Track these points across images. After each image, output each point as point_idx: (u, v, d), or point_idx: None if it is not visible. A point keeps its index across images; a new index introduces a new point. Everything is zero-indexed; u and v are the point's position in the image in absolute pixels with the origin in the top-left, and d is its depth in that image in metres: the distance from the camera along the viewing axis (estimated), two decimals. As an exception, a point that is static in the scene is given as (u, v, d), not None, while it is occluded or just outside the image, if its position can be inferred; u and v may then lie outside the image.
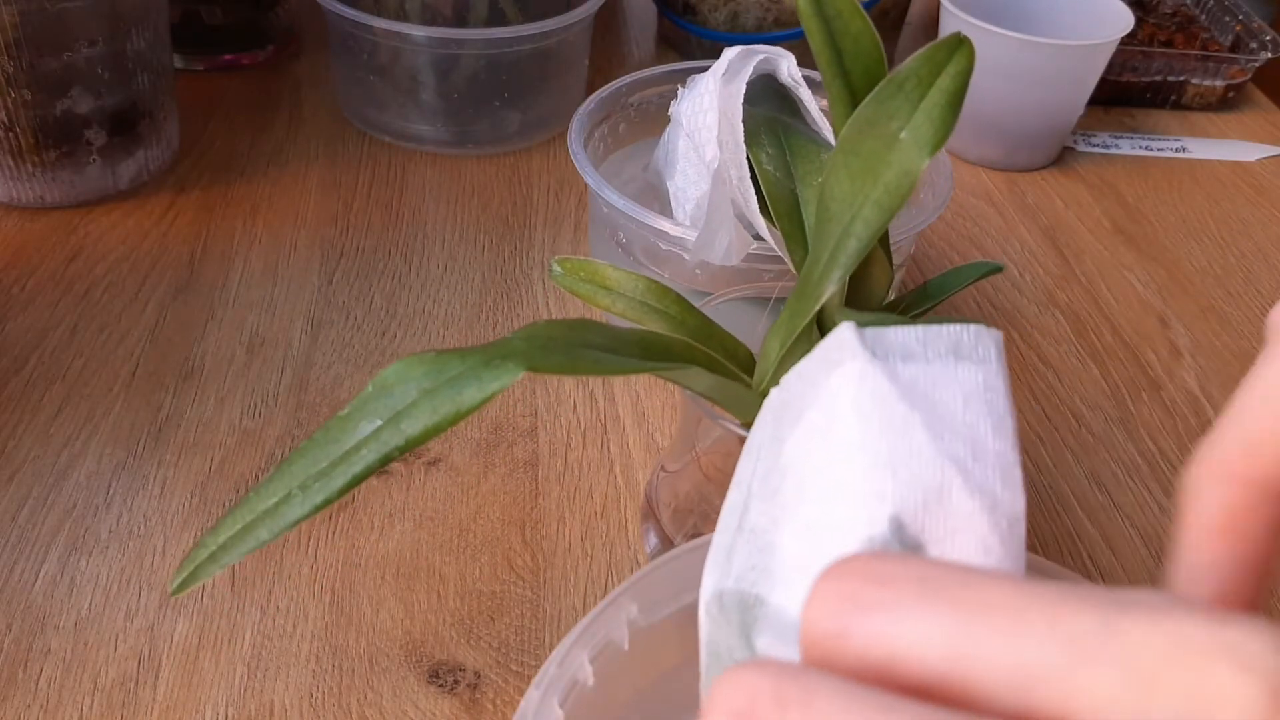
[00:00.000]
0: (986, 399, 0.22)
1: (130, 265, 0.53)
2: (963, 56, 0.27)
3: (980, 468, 0.21)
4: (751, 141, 0.36)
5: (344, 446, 0.23)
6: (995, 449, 0.22)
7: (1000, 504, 0.21)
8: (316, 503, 0.23)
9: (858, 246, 0.27)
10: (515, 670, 0.37)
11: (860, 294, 0.32)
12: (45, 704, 0.35)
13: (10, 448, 0.43)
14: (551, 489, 0.44)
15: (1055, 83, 0.64)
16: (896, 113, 0.27)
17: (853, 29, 0.30)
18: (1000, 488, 0.21)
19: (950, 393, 0.22)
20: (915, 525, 0.21)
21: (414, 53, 0.61)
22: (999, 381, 0.22)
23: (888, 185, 0.27)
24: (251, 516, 0.23)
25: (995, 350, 0.23)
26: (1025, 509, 0.22)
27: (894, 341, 0.22)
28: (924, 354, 0.22)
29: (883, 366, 0.22)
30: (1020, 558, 0.21)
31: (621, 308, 0.32)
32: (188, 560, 0.23)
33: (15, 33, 0.50)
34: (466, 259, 0.56)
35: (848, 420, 0.22)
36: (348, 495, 0.42)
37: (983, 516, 0.21)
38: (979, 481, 0.21)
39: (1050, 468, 0.47)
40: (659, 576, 0.29)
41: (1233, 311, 0.57)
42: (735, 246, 0.40)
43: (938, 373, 0.22)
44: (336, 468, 0.23)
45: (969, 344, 0.22)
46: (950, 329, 0.22)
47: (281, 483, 0.23)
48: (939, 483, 0.21)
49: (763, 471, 0.23)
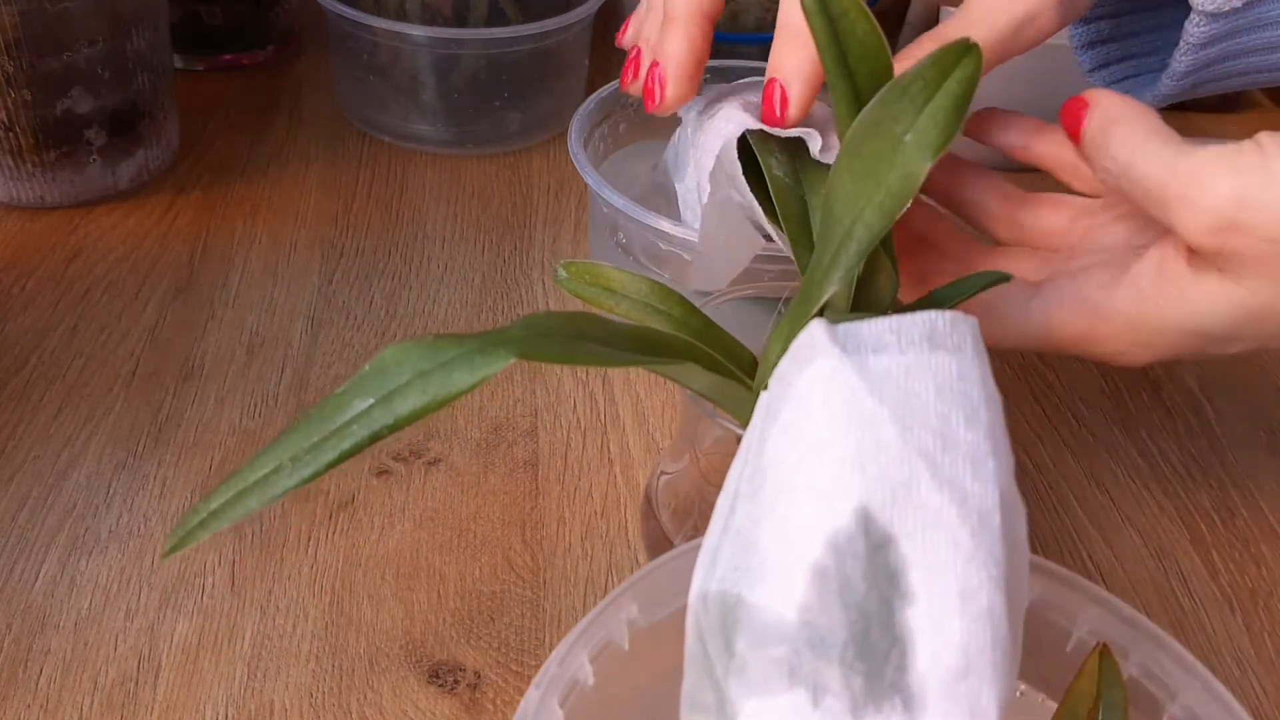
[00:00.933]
0: (960, 389, 0.22)
1: (130, 265, 0.53)
2: (970, 62, 0.27)
3: (950, 460, 0.21)
4: (761, 148, 0.36)
5: (336, 423, 0.24)
6: (967, 440, 0.22)
7: (970, 497, 0.21)
8: (305, 475, 0.23)
9: (858, 249, 0.27)
10: (515, 670, 0.37)
11: (866, 300, 0.32)
12: (45, 704, 0.35)
13: (10, 448, 0.43)
14: (551, 489, 0.44)
15: (1055, 83, 0.64)
16: (901, 115, 0.27)
17: (859, 30, 0.30)
18: (970, 480, 0.21)
19: (923, 383, 0.22)
20: (884, 519, 0.21)
21: (414, 53, 0.61)
22: (974, 370, 0.22)
23: (890, 188, 0.27)
24: (243, 486, 0.24)
25: (971, 338, 0.23)
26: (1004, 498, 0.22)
27: (866, 334, 0.22)
28: (897, 344, 0.22)
29: (852, 361, 0.22)
30: (995, 548, 0.21)
31: (625, 309, 0.32)
32: (179, 526, 0.24)
33: (15, 33, 0.50)
34: (466, 259, 0.56)
35: (818, 417, 0.22)
36: (348, 495, 0.42)
37: (952, 509, 0.21)
38: (948, 475, 0.21)
39: (1050, 467, 0.47)
40: (659, 576, 0.29)
41: (1233, 311, 0.57)
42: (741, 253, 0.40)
43: (911, 362, 0.22)
44: (327, 442, 0.23)
45: (944, 331, 0.22)
46: (925, 316, 0.22)
47: (274, 455, 0.24)
48: (906, 477, 0.21)
49: (748, 473, 0.23)
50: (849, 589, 0.21)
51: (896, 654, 0.21)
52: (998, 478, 0.21)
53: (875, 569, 0.21)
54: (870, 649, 0.21)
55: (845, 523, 0.21)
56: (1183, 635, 0.40)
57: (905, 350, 0.22)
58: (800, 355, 0.23)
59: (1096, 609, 0.29)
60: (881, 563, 0.21)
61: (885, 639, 0.21)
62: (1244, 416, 0.50)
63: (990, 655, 0.21)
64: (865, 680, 0.21)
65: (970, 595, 0.21)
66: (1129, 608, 0.29)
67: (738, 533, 0.23)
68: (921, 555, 0.21)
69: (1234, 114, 0.75)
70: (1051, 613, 0.30)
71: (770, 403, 0.23)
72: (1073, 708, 0.27)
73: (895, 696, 0.21)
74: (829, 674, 0.21)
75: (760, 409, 0.24)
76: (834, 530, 0.21)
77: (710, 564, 0.23)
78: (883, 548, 0.21)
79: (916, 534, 0.21)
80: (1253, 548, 0.44)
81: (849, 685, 0.21)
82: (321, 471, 0.23)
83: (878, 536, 0.21)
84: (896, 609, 0.21)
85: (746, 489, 0.23)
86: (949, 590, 0.21)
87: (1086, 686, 0.27)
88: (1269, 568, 0.43)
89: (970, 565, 0.21)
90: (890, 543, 0.21)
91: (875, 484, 0.21)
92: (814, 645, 0.21)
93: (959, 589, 0.21)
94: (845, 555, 0.21)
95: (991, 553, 0.21)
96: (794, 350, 0.23)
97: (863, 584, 0.21)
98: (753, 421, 0.24)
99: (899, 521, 0.21)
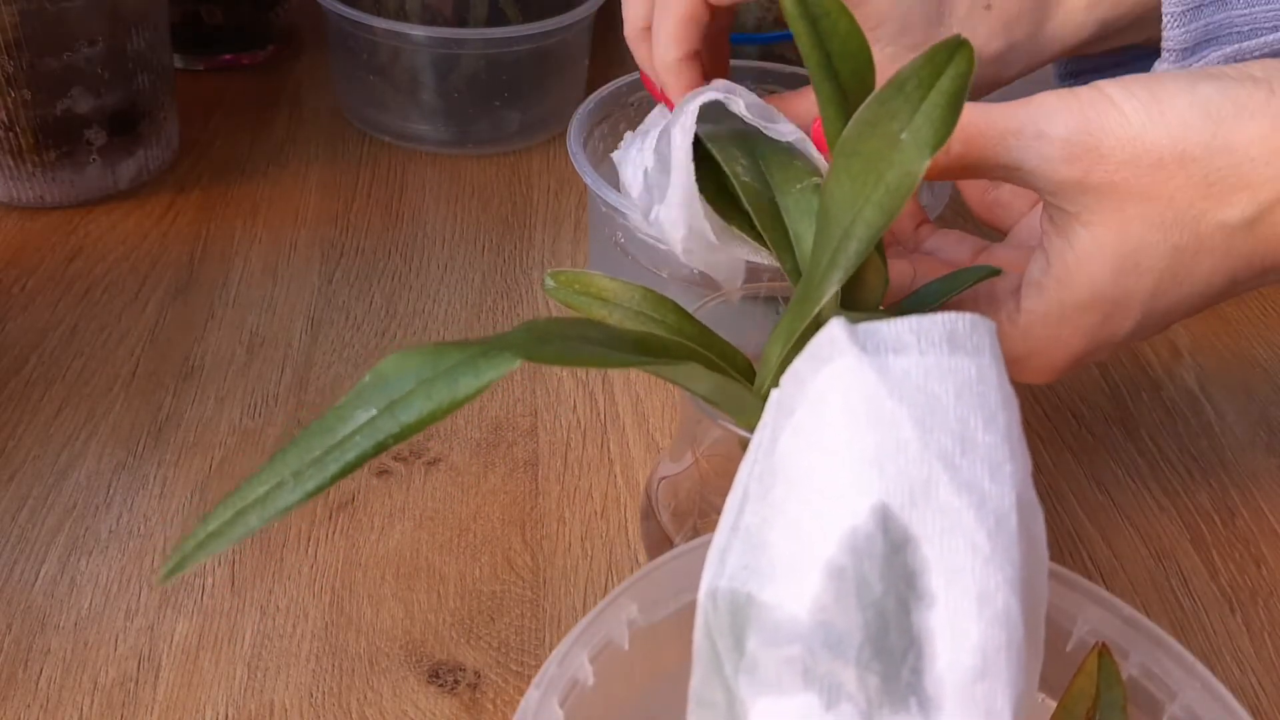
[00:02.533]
0: (979, 391, 0.22)
1: (130, 265, 0.53)
2: (963, 59, 0.27)
3: (969, 462, 0.21)
4: (724, 155, 0.35)
5: (339, 435, 0.23)
6: (985, 442, 0.22)
7: (988, 499, 0.21)
8: (308, 489, 0.22)
9: (858, 248, 0.27)
10: (515, 670, 0.37)
11: (854, 297, 0.32)
12: (45, 704, 0.35)
13: (10, 448, 0.43)
14: (551, 489, 0.44)
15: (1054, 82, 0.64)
16: (897, 114, 0.27)
17: (840, 28, 0.30)
18: (989, 482, 0.21)
19: (943, 385, 0.22)
20: (902, 521, 0.21)
21: (414, 53, 0.61)
22: (992, 373, 0.22)
23: (889, 186, 0.27)
24: (243, 504, 0.23)
25: (990, 341, 0.23)
26: (1021, 500, 0.22)
27: (886, 335, 0.22)
28: (918, 345, 0.22)
29: (872, 362, 0.22)
30: (1011, 550, 0.21)
31: (619, 318, 0.32)
32: (178, 548, 0.23)
33: (15, 33, 0.50)
34: (466, 259, 0.56)
35: (836, 417, 0.22)
36: (348, 495, 0.42)
37: (970, 512, 0.21)
38: (966, 477, 0.21)
39: (1050, 468, 0.47)
40: (659, 576, 0.29)
41: (1233, 311, 0.57)
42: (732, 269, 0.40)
43: (931, 365, 0.22)
44: (330, 454, 0.23)
45: (964, 333, 0.22)
46: (945, 318, 0.22)
47: (275, 470, 0.23)
48: (925, 478, 0.21)
49: (759, 472, 0.23)
50: (866, 589, 0.21)
51: (913, 655, 0.21)
52: (1015, 480, 0.21)
53: (893, 570, 0.21)
54: (887, 650, 0.21)
55: (863, 523, 0.21)
56: (1183, 635, 0.40)
57: (925, 352, 0.22)
58: (818, 354, 0.23)
59: (1096, 609, 0.29)
60: (900, 564, 0.21)
61: (902, 640, 0.21)
62: (1244, 416, 0.50)
63: (1006, 657, 0.21)
64: (881, 681, 0.21)
65: (987, 598, 0.21)
66: (1129, 608, 0.29)
67: (748, 531, 0.23)
68: (940, 557, 0.21)
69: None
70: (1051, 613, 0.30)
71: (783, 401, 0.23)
72: (1071, 707, 0.27)
73: (911, 698, 0.21)
74: (844, 674, 0.21)
75: (771, 407, 0.24)
76: (852, 530, 0.21)
77: (719, 562, 0.23)
78: (901, 549, 0.21)
79: (935, 536, 0.21)
80: (1253, 548, 0.44)
81: (865, 686, 0.21)
82: (326, 485, 0.22)
83: (897, 537, 0.21)
84: (914, 610, 0.21)
85: (757, 488, 0.23)
86: (967, 592, 0.21)
87: (1085, 686, 0.27)
88: (1269, 568, 0.43)
89: (988, 568, 0.21)
90: (909, 544, 0.21)
91: (894, 485, 0.21)
92: (829, 645, 0.21)
93: (977, 591, 0.21)
94: (863, 555, 0.21)
95: (1008, 555, 0.21)
96: (811, 349, 0.23)
97: (880, 585, 0.21)
98: (763, 420, 0.24)
99: (917, 523, 0.21)
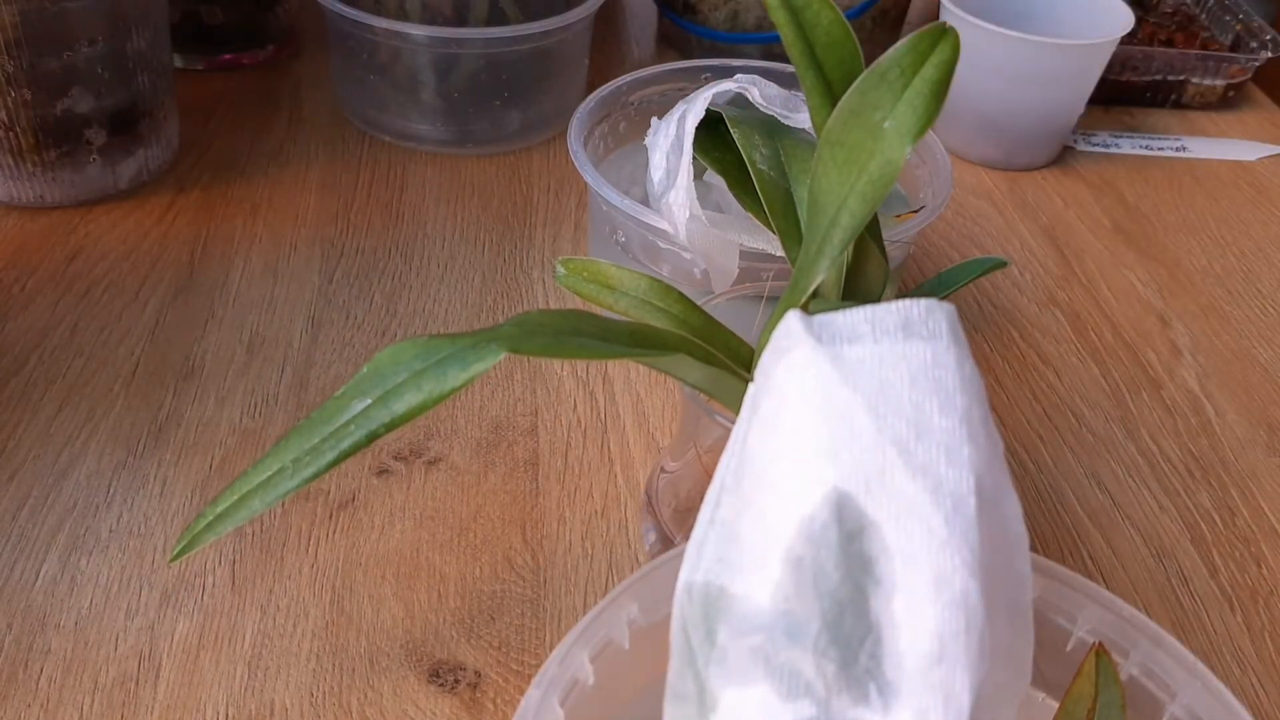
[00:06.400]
0: (934, 375, 0.22)
1: (130, 265, 0.53)
2: (946, 46, 0.27)
3: (924, 447, 0.21)
4: (747, 142, 0.36)
5: (335, 424, 0.25)
6: (941, 426, 0.22)
7: (944, 483, 0.21)
8: (306, 476, 0.24)
9: (843, 236, 0.27)
10: (515, 669, 0.37)
11: (856, 289, 0.32)
12: (45, 703, 0.35)
13: (10, 448, 0.43)
14: (551, 488, 0.44)
15: (1055, 82, 0.64)
16: (880, 103, 0.27)
17: (823, 20, 0.30)
18: (945, 466, 0.21)
19: (897, 372, 0.22)
20: (858, 508, 0.21)
21: (414, 52, 0.61)
22: (949, 357, 0.22)
23: (871, 175, 0.27)
24: (247, 489, 0.25)
25: (947, 324, 0.23)
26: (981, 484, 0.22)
27: (841, 325, 0.22)
28: (872, 333, 0.22)
29: (826, 352, 0.22)
30: (970, 533, 0.21)
31: (624, 306, 0.32)
32: (187, 530, 0.25)
33: (15, 32, 0.50)
34: (466, 258, 0.56)
35: (794, 408, 0.22)
36: (349, 495, 0.42)
37: (925, 496, 0.21)
38: (921, 462, 0.21)
39: (1050, 467, 0.47)
40: (659, 576, 0.29)
41: (1233, 311, 0.57)
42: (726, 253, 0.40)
43: (885, 352, 0.22)
44: (326, 443, 0.24)
45: (919, 319, 0.22)
46: (900, 305, 0.22)
47: (275, 458, 0.25)
48: (880, 465, 0.21)
49: (734, 465, 0.24)
50: (823, 577, 0.21)
51: (870, 641, 0.21)
52: (973, 463, 0.21)
53: (849, 557, 0.21)
54: (844, 637, 0.21)
55: (818, 511, 0.21)
56: (1183, 635, 0.40)
57: (879, 339, 0.22)
58: (778, 346, 0.23)
59: (1096, 608, 0.29)
60: (855, 551, 0.21)
61: (859, 627, 0.21)
62: (1244, 416, 0.51)
63: (965, 641, 0.21)
64: (839, 668, 0.21)
65: (944, 582, 0.21)
66: (1129, 607, 0.29)
67: (722, 524, 0.23)
68: (895, 543, 0.21)
69: (1234, 113, 0.75)
70: (1051, 612, 0.30)
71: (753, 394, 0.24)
72: (1071, 709, 0.27)
73: (869, 683, 0.21)
74: (803, 662, 0.21)
75: (746, 400, 0.24)
76: (809, 518, 0.21)
77: (696, 556, 0.23)
78: (856, 536, 0.21)
79: (890, 522, 0.21)
80: (1253, 547, 0.44)
81: (823, 673, 0.21)
82: (323, 471, 0.24)
83: (851, 525, 0.21)
84: (870, 596, 0.21)
85: (731, 481, 0.23)
86: (922, 577, 0.21)
87: (1084, 688, 0.27)
88: (1269, 567, 0.43)
89: (944, 552, 0.21)
90: (864, 531, 0.21)
91: (849, 472, 0.21)
92: (789, 633, 0.21)
93: (933, 576, 0.21)
94: (819, 544, 0.21)
95: (966, 538, 0.21)
96: (773, 342, 0.23)
97: (836, 572, 0.21)
98: (740, 414, 0.24)
99: (873, 509, 0.21)
